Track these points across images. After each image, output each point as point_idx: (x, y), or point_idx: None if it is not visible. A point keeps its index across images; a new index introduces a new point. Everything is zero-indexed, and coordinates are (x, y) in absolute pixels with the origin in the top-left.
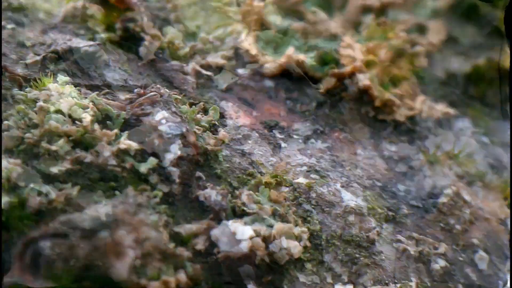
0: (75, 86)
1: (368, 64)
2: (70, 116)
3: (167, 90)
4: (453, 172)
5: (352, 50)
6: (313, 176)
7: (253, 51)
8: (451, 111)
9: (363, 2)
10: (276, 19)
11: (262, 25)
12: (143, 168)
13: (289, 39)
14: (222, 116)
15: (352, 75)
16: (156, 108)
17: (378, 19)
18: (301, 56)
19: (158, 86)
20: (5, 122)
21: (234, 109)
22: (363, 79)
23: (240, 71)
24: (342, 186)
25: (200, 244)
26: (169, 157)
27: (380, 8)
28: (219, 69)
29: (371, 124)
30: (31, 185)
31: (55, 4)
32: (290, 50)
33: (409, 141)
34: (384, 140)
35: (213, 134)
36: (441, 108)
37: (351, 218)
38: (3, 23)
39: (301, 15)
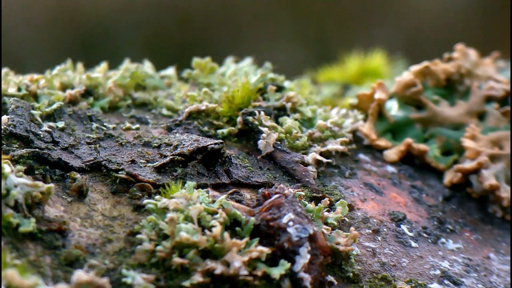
0: (203, 187)
1: (493, 158)
2: (199, 223)
3: (291, 190)
4: None
5: (476, 142)
6: (446, 282)
7: (372, 136)
8: None
9: (487, 93)
10: (393, 108)
11: (379, 113)
12: (276, 273)
13: (408, 128)
14: (349, 207)
15: (477, 170)
16: (282, 211)
17: (502, 108)
18: (422, 146)
19: (281, 186)
20: (138, 235)
21: (361, 198)
22: (489, 178)
23: (361, 155)
24: None
25: None
26: (300, 261)
27: (503, 96)
28: (339, 155)
29: (500, 225)
30: None
31: (177, 101)
32: (409, 139)
33: None
34: None
35: (343, 231)
36: None
37: None
38: (127, 123)
39: (422, 104)
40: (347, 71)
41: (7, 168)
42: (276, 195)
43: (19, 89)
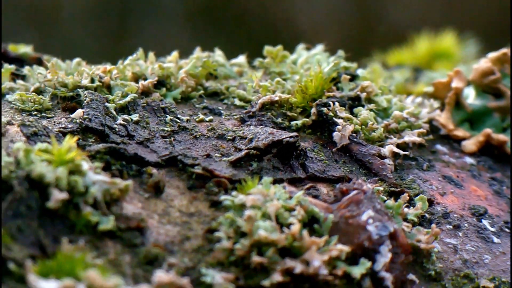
0: (279, 182)
1: None
2: (277, 220)
3: (369, 186)
4: None
5: None
6: None
7: (450, 125)
8: None
9: None
10: (470, 96)
11: (457, 102)
12: (356, 272)
13: (486, 117)
14: (429, 202)
15: None
16: (361, 208)
17: None
18: (502, 136)
19: (360, 181)
20: (216, 233)
21: (440, 191)
22: None
23: (438, 146)
24: None
25: None
26: (381, 260)
27: None
28: (416, 146)
29: None
30: None
31: (249, 91)
32: (488, 129)
33: None
34: None
35: (423, 228)
36: None
37: None
38: (201, 115)
39: (500, 92)
40: (417, 52)
41: (85, 165)
42: (355, 191)
43: (92, 81)
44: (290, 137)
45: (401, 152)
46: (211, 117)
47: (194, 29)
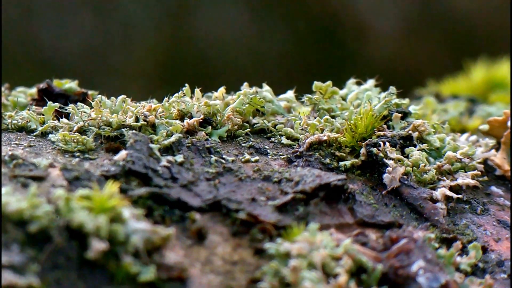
0: (326, 228)
1: None
2: (323, 269)
3: (420, 234)
4: None
5: None
6: None
7: (505, 166)
8: None
9: None
10: None
11: None
12: None
13: None
14: (483, 249)
15: None
16: (411, 257)
17: None
18: None
19: (410, 229)
20: (260, 284)
21: (494, 237)
22: None
23: (493, 188)
24: None
25: None
26: None
27: None
28: (470, 189)
29: None
30: None
31: (297, 129)
32: None
33: None
34: None
35: (477, 278)
36: None
37: None
38: (247, 155)
39: None
40: (473, 81)
41: (125, 212)
42: (405, 240)
43: (137, 119)
44: (338, 180)
45: (454, 196)
46: (257, 157)
47: (252, 11)
